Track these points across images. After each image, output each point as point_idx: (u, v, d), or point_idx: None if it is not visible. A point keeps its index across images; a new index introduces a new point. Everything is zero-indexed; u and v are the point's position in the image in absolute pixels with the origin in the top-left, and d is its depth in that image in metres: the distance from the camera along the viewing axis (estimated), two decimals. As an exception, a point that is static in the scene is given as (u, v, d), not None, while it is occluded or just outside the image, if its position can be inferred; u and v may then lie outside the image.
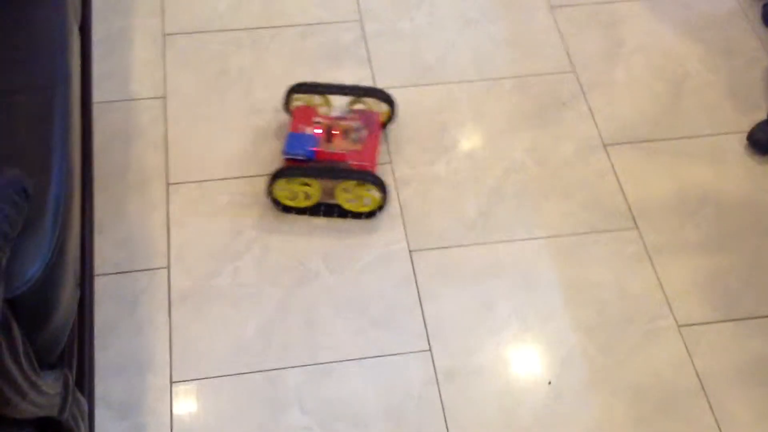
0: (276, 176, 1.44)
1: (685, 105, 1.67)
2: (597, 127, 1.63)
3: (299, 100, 1.57)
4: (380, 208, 1.48)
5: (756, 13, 1.82)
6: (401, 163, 1.57)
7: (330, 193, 1.47)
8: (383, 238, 1.47)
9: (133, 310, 1.36)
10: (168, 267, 1.41)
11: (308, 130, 1.49)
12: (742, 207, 1.53)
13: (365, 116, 1.52)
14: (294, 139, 1.48)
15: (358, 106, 1.57)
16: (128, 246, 1.43)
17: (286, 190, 1.46)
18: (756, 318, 1.40)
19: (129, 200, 1.49)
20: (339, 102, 1.58)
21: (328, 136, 1.48)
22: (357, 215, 1.48)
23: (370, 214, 1.48)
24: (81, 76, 1.35)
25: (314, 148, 1.46)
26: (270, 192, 1.46)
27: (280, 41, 1.73)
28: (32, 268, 0.99)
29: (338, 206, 1.48)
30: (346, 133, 1.49)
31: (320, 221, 1.48)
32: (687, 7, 1.82)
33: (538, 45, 1.75)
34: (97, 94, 1.61)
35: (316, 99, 1.56)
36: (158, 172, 1.53)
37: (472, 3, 1.81)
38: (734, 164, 1.59)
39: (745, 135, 1.62)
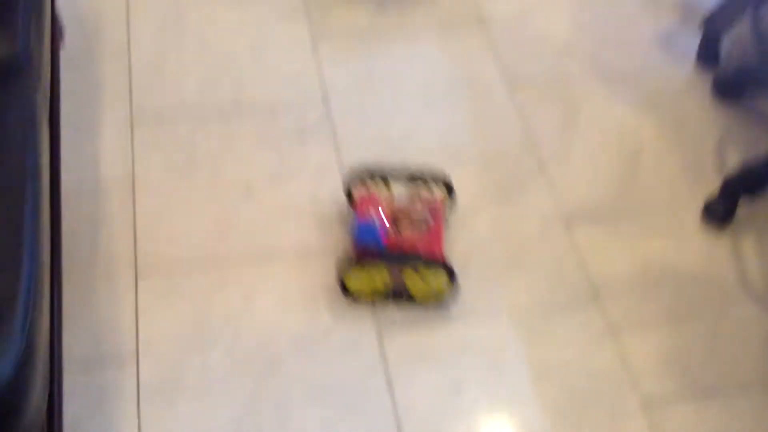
0: (348, 265, 1.46)
1: (642, 179, 1.72)
2: (558, 203, 1.67)
3: (360, 187, 1.60)
4: (449, 294, 1.50)
5: (707, 86, 1.89)
6: (368, 242, 1.59)
7: (400, 280, 1.48)
8: (352, 321, 1.48)
9: (102, 405, 1.35)
10: (137, 359, 1.40)
11: (375, 219, 1.51)
12: (701, 280, 1.57)
13: (429, 204, 1.55)
14: (363, 227, 1.50)
15: (419, 192, 1.60)
16: (96, 337, 1.42)
17: (358, 279, 1.47)
18: (717, 394, 1.43)
19: (97, 290, 1.49)
20: (400, 187, 1.61)
21: (396, 225, 1.51)
22: (426, 302, 1.50)
23: (439, 301, 1.50)
24: (50, 167, 1.36)
25: (384, 237, 1.49)
26: (342, 281, 1.48)
27: (247, 123, 1.76)
28: (1, 370, 0.99)
29: (407, 293, 1.49)
30: (412, 221, 1.51)
31: (278, 309, 1.50)
32: (640, 83, 1.89)
33: (499, 123, 1.80)
34: (66, 181, 1.62)
35: (378, 185, 1.60)
36: (126, 260, 1.53)
37: (435, 82, 1.87)
38: (692, 237, 1.64)
39: (700, 208, 1.67)
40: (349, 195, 1.60)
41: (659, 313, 1.52)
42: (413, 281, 1.47)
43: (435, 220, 1.52)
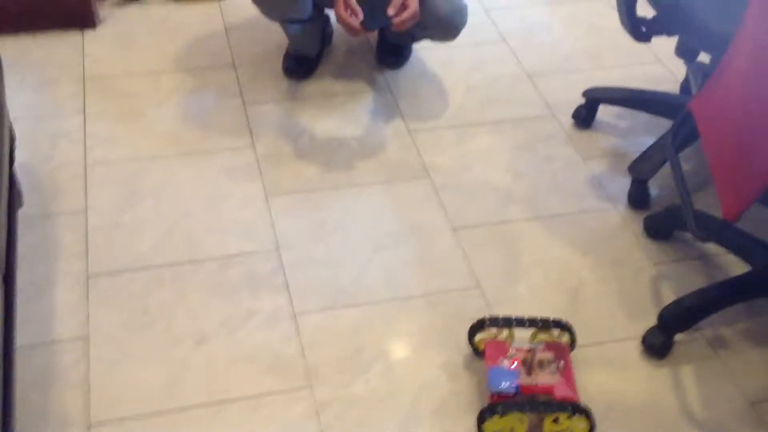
0: (488, 413, 1.48)
1: (583, 314, 1.79)
2: (504, 341, 1.73)
3: (483, 336, 1.65)
4: None
5: (638, 226, 2.01)
6: (320, 386, 1.62)
7: (538, 427, 1.51)
8: (306, 465, 1.49)
9: None
10: None
11: (506, 364, 1.55)
12: (644, 411, 1.62)
13: (555, 347, 1.60)
14: (497, 374, 1.54)
15: (542, 337, 1.65)
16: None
17: (497, 427, 1.49)
18: None
19: (48, 446, 1.48)
20: (521, 335, 1.67)
21: (528, 369, 1.55)
22: None
23: None
24: (4, 325, 1.39)
25: (518, 382, 1.52)
26: (482, 430, 1.50)
27: (200, 275, 1.82)
28: None
29: None
30: (542, 365, 1.56)
31: None
32: (576, 224, 2.00)
33: (445, 265, 1.88)
34: (20, 339, 1.64)
35: (501, 333, 1.64)
36: (79, 415, 1.53)
37: (382, 228, 1.96)
38: (634, 369, 1.69)
39: (640, 341, 1.74)
40: (472, 342, 1.66)
41: (607, 445, 1.55)
42: (553, 426, 1.49)
43: (564, 365, 1.56)
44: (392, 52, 2.46)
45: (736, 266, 1.90)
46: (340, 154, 2.14)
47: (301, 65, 2.39)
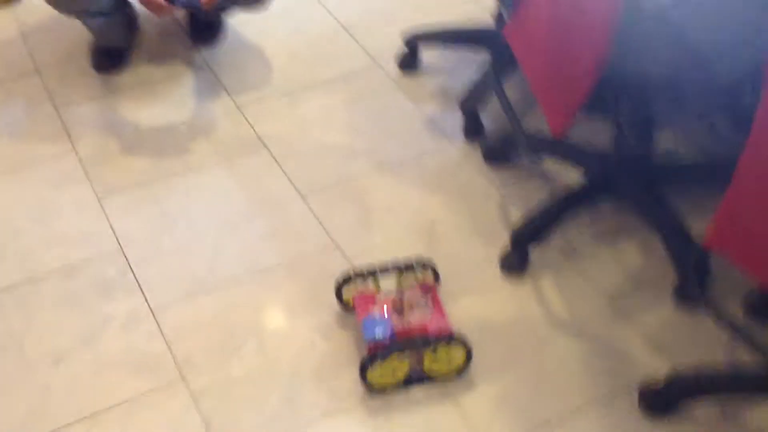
0: (369, 362, 1.49)
1: (442, 250, 1.82)
2: (370, 291, 1.73)
3: (351, 291, 1.65)
4: (467, 362, 1.55)
5: (478, 157, 2.05)
6: (194, 376, 1.57)
7: (419, 365, 1.53)
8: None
9: None
10: None
11: (377, 313, 1.57)
12: (515, 325, 1.67)
13: (422, 286, 1.63)
14: (370, 323, 1.54)
15: (407, 280, 1.66)
16: None
17: (379, 373, 1.50)
18: (554, 424, 1.50)
19: None
20: (387, 282, 1.67)
21: (399, 313, 1.56)
22: (446, 378, 1.55)
23: (459, 372, 1.56)
24: None
25: (392, 327, 1.54)
26: (365, 380, 1.51)
27: (44, 292, 1.71)
28: None
29: (425, 373, 1.54)
30: (411, 306, 1.58)
31: None
32: (419, 166, 2.03)
33: (299, 230, 1.86)
34: None
35: (367, 284, 1.65)
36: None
37: (228, 207, 1.91)
38: (498, 290, 1.74)
39: (498, 263, 1.79)
40: (341, 299, 1.67)
41: (484, 366, 1.59)
42: (432, 360, 1.53)
43: (433, 300, 1.60)
44: (205, 28, 2.38)
45: (573, 177, 1.98)
46: (170, 142, 2.07)
47: (111, 58, 2.28)
